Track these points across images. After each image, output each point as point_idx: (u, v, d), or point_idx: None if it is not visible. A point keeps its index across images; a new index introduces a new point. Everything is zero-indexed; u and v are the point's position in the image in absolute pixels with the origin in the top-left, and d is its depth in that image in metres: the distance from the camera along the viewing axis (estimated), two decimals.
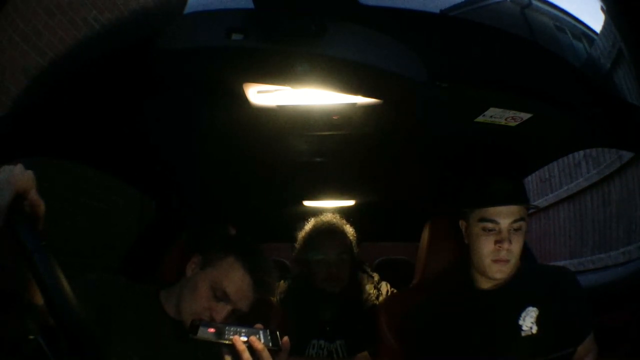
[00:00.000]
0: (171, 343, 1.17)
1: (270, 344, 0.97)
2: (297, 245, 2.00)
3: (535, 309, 1.21)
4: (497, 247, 1.21)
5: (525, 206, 1.25)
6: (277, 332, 1.01)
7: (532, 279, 1.27)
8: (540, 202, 5.16)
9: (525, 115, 1.08)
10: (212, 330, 1.00)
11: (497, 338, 1.22)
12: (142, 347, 1.14)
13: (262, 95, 1.14)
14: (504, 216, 1.22)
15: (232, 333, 0.98)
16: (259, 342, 0.95)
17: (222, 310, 1.14)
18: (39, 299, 0.76)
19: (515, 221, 1.22)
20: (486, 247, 1.23)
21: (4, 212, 0.71)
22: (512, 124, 1.13)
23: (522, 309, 1.22)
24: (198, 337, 0.98)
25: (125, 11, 1.11)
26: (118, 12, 1.11)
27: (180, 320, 1.19)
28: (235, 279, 1.16)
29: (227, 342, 0.96)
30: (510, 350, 1.20)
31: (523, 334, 1.20)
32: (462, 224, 1.34)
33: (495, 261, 1.22)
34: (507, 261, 1.22)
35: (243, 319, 1.19)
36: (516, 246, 1.22)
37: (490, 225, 1.23)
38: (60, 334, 0.75)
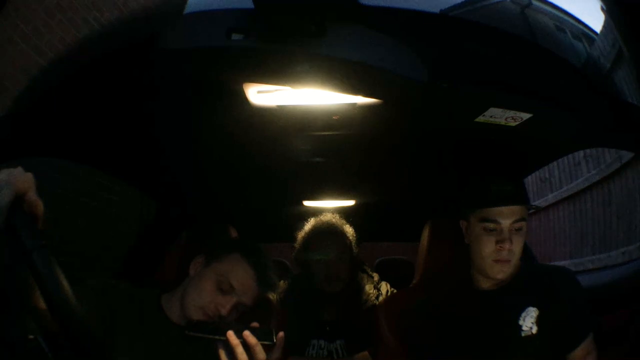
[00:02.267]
0: (173, 348, 1.17)
1: (265, 339, 0.99)
2: (296, 245, 2.00)
3: (535, 309, 1.21)
4: (498, 248, 1.22)
5: (525, 206, 1.25)
6: (273, 329, 1.03)
7: (532, 280, 1.27)
8: (540, 202, 5.16)
9: (525, 115, 1.08)
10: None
11: (497, 338, 1.22)
12: (143, 352, 1.14)
13: (262, 95, 1.14)
14: (506, 216, 1.22)
15: (227, 329, 0.99)
16: (252, 337, 0.97)
17: (227, 303, 1.16)
18: (43, 305, 0.77)
19: (516, 221, 1.22)
20: (487, 248, 1.23)
21: (4, 213, 0.72)
22: (512, 124, 1.12)
23: (522, 309, 1.22)
24: (194, 334, 1.00)
25: (125, 11, 1.11)
26: (118, 12, 1.11)
27: (181, 324, 1.19)
28: (240, 272, 1.20)
29: (221, 337, 0.97)
30: (510, 350, 1.20)
31: (523, 334, 1.20)
32: (462, 224, 1.34)
33: (497, 261, 1.23)
34: (508, 261, 1.22)
35: (244, 318, 1.20)
36: (517, 246, 1.22)
37: (491, 225, 1.23)
38: (61, 333, 0.75)
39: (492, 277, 1.25)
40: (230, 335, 0.96)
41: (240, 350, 0.95)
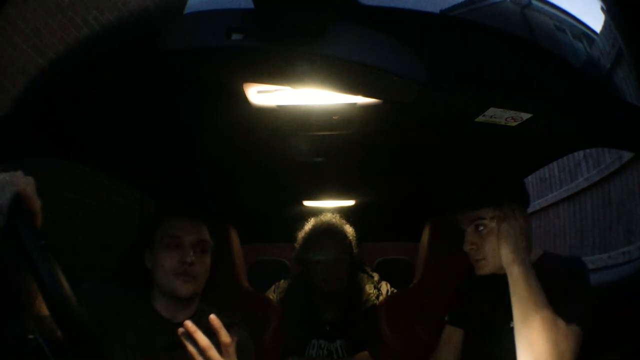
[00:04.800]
0: (164, 341, 1.18)
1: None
2: (296, 245, 2.00)
3: None
4: (466, 248, 1.29)
5: (484, 209, 1.27)
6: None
7: (546, 268, 1.26)
8: (540, 202, 5.16)
9: (525, 115, 1.08)
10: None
11: (495, 323, 1.26)
12: (140, 351, 1.15)
13: (262, 95, 1.14)
14: (464, 220, 1.30)
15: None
16: (217, 320, 0.98)
17: (185, 250, 1.24)
18: (45, 311, 0.77)
19: (471, 222, 1.28)
20: (465, 247, 1.30)
21: (5, 212, 0.73)
22: (512, 124, 1.12)
23: None
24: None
25: (125, 11, 1.11)
26: (118, 12, 1.11)
27: (171, 319, 1.23)
28: (172, 223, 1.29)
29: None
30: (502, 338, 1.20)
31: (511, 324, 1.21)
32: None
33: (474, 260, 1.29)
34: (482, 259, 1.27)
35: (244, 317, 1.20)
36: (486, 245, 1.26)
37: (462, 227, 1.31)
38: (60, 333, 0.75)
39: (477, 273, 1.31)
40: (187, 323, 0.96)
41: (199, 335, 0.95)
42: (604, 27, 1.09)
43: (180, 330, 0.96)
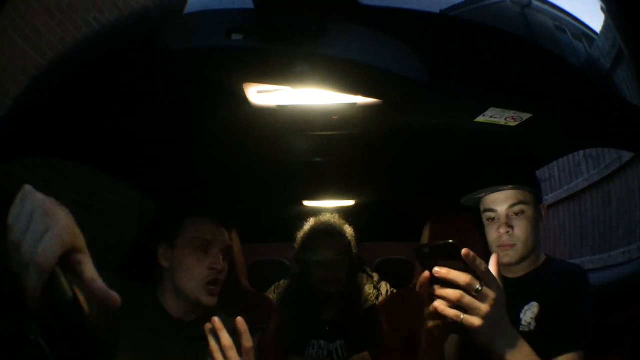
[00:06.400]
0: (175, 342, 1.18)
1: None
2: (295, 245, 2.00)
3: (537, 304, 1.20)
4: (498, 234, 1.24)
5: (521, 190, 1.24)
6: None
7: (547, 275, 1.26)
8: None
9: (525, 115, 1.08)
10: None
11: None
12: (146, 348, 1.15)
13: (262, 95, 1.14)
14: (500, 203, 1.24)
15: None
16: (244, 323, 0.96)
17: (216, 256, 1.23)
18: (45, 310, 0.77)
19: (512, 205, 1.23)
20: (491, 236, 1.26)
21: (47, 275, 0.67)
22: (512, 124, 1.13)
23: (527, 302, 1.21)
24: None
25: (125, 11, 1.11)
26: (118, 12, 1.11)
27: (181, 318, 1.22)
28: (203, 225, 1.27)
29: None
30: None
31: (521, 328, 1.18)
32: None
33: (500, 247, 1.24)
34: (512, 245, 1.23)
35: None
36: (520, 230, 1.23)
37: (491, 214, 1.26)
38: (61, 333, 0.75)
39: (500, 262, 1.26)
40: (214, 320, 0.95)
41: (224, 334, 0.94)
42: (604, 27, 1.09)
43: (208, 325, 0.95)
